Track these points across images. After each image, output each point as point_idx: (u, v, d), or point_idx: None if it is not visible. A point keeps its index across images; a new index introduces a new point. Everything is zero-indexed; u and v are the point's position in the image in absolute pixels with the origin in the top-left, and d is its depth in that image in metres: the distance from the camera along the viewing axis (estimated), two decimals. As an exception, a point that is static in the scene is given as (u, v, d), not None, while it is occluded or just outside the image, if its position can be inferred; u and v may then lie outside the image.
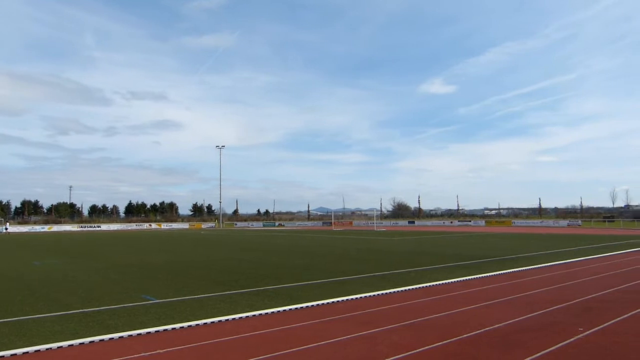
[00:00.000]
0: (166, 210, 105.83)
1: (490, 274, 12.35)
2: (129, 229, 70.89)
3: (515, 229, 54.60)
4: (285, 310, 7.89)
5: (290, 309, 8.00)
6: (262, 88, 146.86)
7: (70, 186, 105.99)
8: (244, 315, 7.52)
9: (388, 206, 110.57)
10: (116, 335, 6.26)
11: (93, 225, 73.24)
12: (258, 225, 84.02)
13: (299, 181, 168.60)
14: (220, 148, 78.85)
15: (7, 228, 59.91)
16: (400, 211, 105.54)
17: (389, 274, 12.79)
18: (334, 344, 5.80)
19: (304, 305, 8.28)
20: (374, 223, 68.74)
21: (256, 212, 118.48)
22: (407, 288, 10.05)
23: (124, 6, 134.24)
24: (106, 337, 6.16)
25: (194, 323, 6.96)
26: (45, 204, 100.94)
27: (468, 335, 6.08)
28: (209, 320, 7.09)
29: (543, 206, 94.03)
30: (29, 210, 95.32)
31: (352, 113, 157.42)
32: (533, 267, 13.89)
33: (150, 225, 77.35)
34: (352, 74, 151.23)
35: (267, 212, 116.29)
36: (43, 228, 66.62)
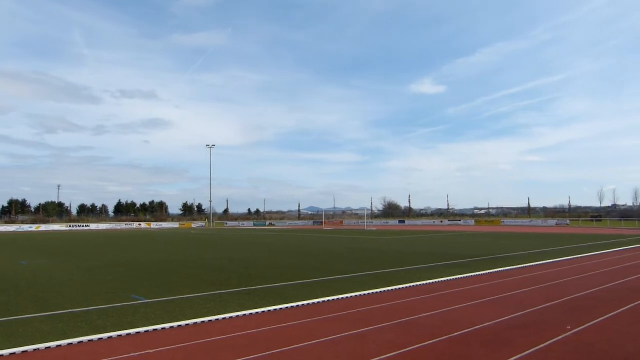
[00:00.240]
0: (156, 210, 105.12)
1: (479, 272, 12.45)
2: (118, 228, 70.25)
3: (504, 228, 55.04)
4: (275, 310, 7.89)
5: (281, 308, 7.99)
6: (252, 87, 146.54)
7: (59, 185, 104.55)
8: (234, 314, 7.50)
9: (378, 205, 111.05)
10: (105, 335, 6.21)
11: (82, 224, 72.44)
12: (248, 224, 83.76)
13: (289, 180, 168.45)
14: (210, 147, 78.61)
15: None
16: (391, 210, 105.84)
17: (380, 273, 12.83)
18: (324, 343, 5.81)
19: (295, 304, 8.27)
20: (364, 222, 68.79)
21: (247, 212, 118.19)
22: (398, 287, 10.10)
23: (113, 3, 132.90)
24: (95, 337, 6.11)
25: (183, 323, 6.92)
26: (33, 203, 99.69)
27: (458, 334, 6.13)
28: (198, 320, 7.05)
29: (532, 205, 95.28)
30: (16, 209, 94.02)
31: (342, 112, 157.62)
32: (522, 266, 14.03)
33: (140, 225, 76.68)
34: (342, 73, 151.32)
35: (257, 211, 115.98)
36: (30, 227, 65.76)
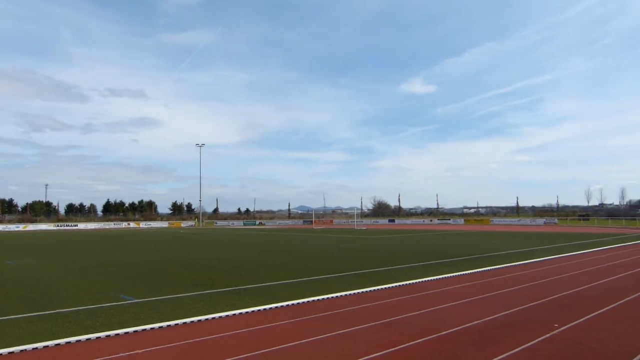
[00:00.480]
0: (145, 209, 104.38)
1: (468, 271, 12.55)
2: (107, 227, 69.58)
3: (493, 227, 55.45)
4: (265, 309, 7.89)
5: (271, 308, 7.99)
6: (241, 86, 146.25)
7: (46, 184, 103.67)
8: (223, 314, 7.49)
9: (368, 205, 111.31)
10: (94, 335, 6.16)
11: (70, 224, 71.70)
12: (239, 223, 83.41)
13: (279, 180, 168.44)
14: (200, 146, 78.23)
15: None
16: (381, 210, 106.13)
17: (369, 272, 12.88)
18: (314, 342, 5.82)
19: (285, 303, 8.28)
20: (354, 221, 68.83)
21: (237, 211, 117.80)
22: (387, 286, 10.14)
23: (103, 1, 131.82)
24: (83, 337, 6.06)
25: (173, 322, 6.89)
26: (20, 202, 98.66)
27: (447, 333, 6.18)
28: (188, 320, 7.03)
29: (521, 205, 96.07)
30: (3, 208, 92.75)
31: (332, 112, 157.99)
32: (510, 264, 14.16)
33: (129, 224, 76.05)
34: (332, 72, 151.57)
35: (247, 210, 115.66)
36: (18, 227, 64.91)
